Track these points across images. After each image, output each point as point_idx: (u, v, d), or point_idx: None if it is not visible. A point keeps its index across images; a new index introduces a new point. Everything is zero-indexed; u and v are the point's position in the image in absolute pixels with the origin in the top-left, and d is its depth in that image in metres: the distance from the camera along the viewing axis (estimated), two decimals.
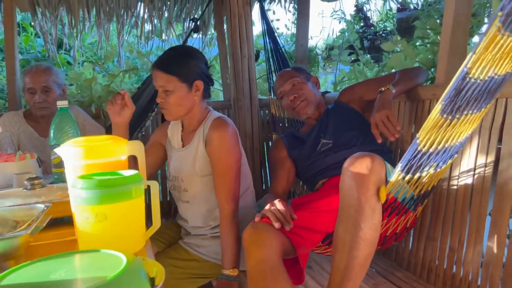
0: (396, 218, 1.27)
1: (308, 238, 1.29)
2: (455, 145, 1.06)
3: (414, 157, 1.03)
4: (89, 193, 0.80)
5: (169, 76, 1.42)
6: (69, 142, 0.96)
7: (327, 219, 1.32)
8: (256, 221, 1.26)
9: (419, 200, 1.27)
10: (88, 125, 2.05)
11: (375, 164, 1.08)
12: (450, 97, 0.88)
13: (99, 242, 0.82)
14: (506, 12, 0.71)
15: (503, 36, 0.75)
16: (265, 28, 2.42)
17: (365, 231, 1.07)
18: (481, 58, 0.80)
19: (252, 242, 1.19)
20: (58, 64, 3.42)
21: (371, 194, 1.07)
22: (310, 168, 1.68)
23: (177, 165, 1.58)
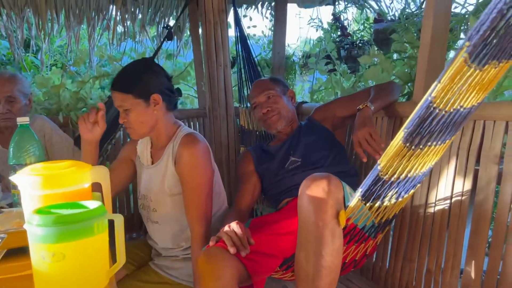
0: (355, 245, 1.24)
1: (265, 264, 1.24)
2: (418, 175, 1.03)
3: (375, 184, 0.99)
4: (46, 230, 0.73)
5: (124, 95, 1.37)
6: (27, 169, 0.88)
7: (286, 242, 1.27)
8: (211, 245, 1.20)
9: (379, 228, 1.24)
10: (56, 136, 1.95)
11: (332, 186, 1.04)
12: (414, 125, 0.85)
13: (57, 283, 0.75)
14: (473, 42, 0.68)
15: (470, 68, 0.72)
16: (238, 35, 2.36)
17: (327, 259, 1.03)
18: (447, 88, 0.77)
19: (206, 270, 1.13)
20: (25, 67, 3.28)
21: (330, 218, 1.03)
22: (277, 185, 1.64)
23: (146, 183, 1.52)
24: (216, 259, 1.13)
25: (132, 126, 1.41)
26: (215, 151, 2.37)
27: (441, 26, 1.46)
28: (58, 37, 3.60)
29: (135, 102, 1.37)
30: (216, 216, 1.53)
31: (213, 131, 2.36)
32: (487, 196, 1.19)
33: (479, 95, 0.82)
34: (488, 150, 1.19)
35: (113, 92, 1.40)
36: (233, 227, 1.23)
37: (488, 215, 1.18)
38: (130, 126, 1.41)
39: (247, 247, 1.18)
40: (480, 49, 0.69)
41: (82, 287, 0.77)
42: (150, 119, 1.41)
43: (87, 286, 0.78)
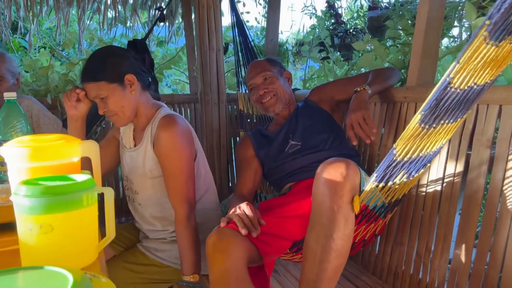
0: (365, 225, 1.24)
1: (275, 246, 1.23)
2: (429, 154, 1.03)
3: (389, 166, 0.99)
4: (33, 201, 0.70)
5: (98, 83, 1.32)
6: (13, 141, 0.86)
7: (296, 225, 1.27)
8: (222, 226, 1.19)
9: (389, 208, 1.25)
10: (43, 117, 1.91)
11: (350, 171, 1.04)
12: (431, 107, 0.85)
13: (44, 256, 0.73)
14: (494, 21, 0.68)
15: (487, 45, 0.72)
16: (235, 20, 2.34)
17: (337, 242, 1.03)
18: (464, 67, 0.76)
19: (216, 250, 1.11)
20: (12, 49, 3.21)
21: (345, 203, 1.03)
22: (277, 170, 1.63)
23: (129, 166, 1.50)
24: (227, 239, 1.12)
25: (115, 113, 1.36)
26: (207, 136, 2.35)
27: (436, 13, 1.45)
28: (47, 19, 3.53)
29: (110, 87, 1.32)
30: (202, 198, 1.52)
31: (204, 116, 2.34)
32: (479, 179, 1.19)
33: (493, 72, 0.82)
34: (481, 134, 1.19)
35: (85, 85, 1.34)
36: (244, 209, 1.22)
37: (479, 199, 1.19)
38: (112, 114, 1.37)
39: (258, 228, 1.17)
40: (499, 25, 0.68)
41: (70, 261, 0.75)
42: (130, 102, 1.37)
43: (76, 260, 0.76)
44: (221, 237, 1.13)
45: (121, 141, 1.54)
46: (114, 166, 1.61)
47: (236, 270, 1.08)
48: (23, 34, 3.40)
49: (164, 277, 1.47)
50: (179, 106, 2.45)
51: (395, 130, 1.51)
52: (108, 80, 1.32)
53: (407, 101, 1.48)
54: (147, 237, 1.53)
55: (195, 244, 1.36)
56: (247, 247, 1.14)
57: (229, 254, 1.09)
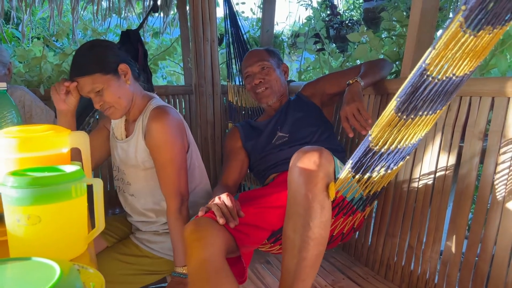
0: (343, 218, 1.24)
1: (253, 236, 1.23)
2: (407, 146, 1.02)
3: (365, 155, 0.98)
4: (21, 192, 0.70)
5: (92, 76, 1.30)
6: (1, 131, 0.85)
7: (274, 215, 1.27)
8: (200, 215, 1.18)
9: (368, 201, 1.24)
10: (36, 108, 1.89)
11: (323, 159, 1.03)
12: (406, 93, 0.83)
13: (33, 248, 0.73)
14: (469, 6, 0.67)
15: (465, 34, 0.71)
16: (227, 11, 2.32)
17: (314, 230, 1.03)
18: (441, 55, 0.75)
19: (194, 239, 1.10)
20: (5, 39, 3.18)
21: (320, 190, 1.03)
22: (263, 161, 1.63)
23: (121, 157, 1.49)
24: (205, 228, 1.11)
25: (111, 105, 1.35)
26: (201, 128, 2.34)
27: (430, 5, 1.44)
28: (40, 9, 3.49)
29: (105, 78, 1.31)
30: (195, 190, 1.52)
31: (199, 108, 2.33)
32: (470, 171, 1.19)
33: (472, 63, 0.81)
34: (473, 126, 1.19)
35: (78, 80, 1.31)
36: (223, 199, 1.22)
37: (470, 191, 1.19)
38: (108, 106, 1.35)
39: (236, 219, 1.17)
40: (476, 13, 0.68)
41: (59, 252, 0.75)
42: (126, 92, 1.36)
43: (65, 251, 0.76)
44: (199, 226, 1.13)
45: (112, 131, 1.53)
46: (105, 157, 1.60)
47: (215, 259, 1.07)
48: (16, 24, 3.37)
49: (157, 268, 1.47)
50: (173, 98, 2.43)
51: None
52: (102, 71, 1.30)
53: None
54: (140, 230, 1.53)
55: None
56: (225, 237, 1.14)
57: (207, 243, 1.08)
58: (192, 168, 1.49)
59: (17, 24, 3.31)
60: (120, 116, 1.41)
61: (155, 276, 1.48)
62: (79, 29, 2.92)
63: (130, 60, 1.41)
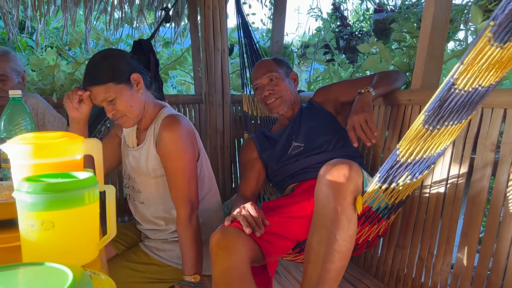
0: (369, 226, 1.24)
1: (278, 245, 1.23)
2: (433, 155, 1.03)
3: (392, 167, 0.99)
4: (35, 197, 0.71)
5: (105, 86, 1.31)
6: (17, 138, 0.86)
7: (299, 226, 1.27)
8: (226, 225, 1.19)
9: (393, 209, 1.24)
10: (49, 115, 1.92)
11: (353, 172, 1.04)
12: (434, 107, 0.84)
13: (45, 253, 0.73)
14: (498, 22, 0.67)
15: (492, 47, 0.71)
16: (240, 22, 2.34)
17: (340, 243, 1.03)
18: (468, 69, 0.76)
19: (220, 248, 1.11)
20: (19, 48, 3.23)
21: (348, 204, 1.03)
22: (280, 172, 1.63)
23: (132, 164, 1.50)
24: (231, 237, 1.13)
25: (123, 114, 1.36)
26: (211, 137, 2.36)
27: (441, 16, 1.44)
28: (54, 19, 3.56)
29: (118, 88, 1.32)
30: (205, 199, 1.52)
31: (209, 117, 2.35)
32: (482, 183, 1.18)
33: (497, 73, 0.81)
34: (485, 138, 1.18)
35: (91, 89, 1.33)
36: (248, 208, 1.22)
37: (482, 203, 1.18)
38: (120, 115, 1.36)
39: (262, 228, 1.18)
40: (503, 27, 0.68)
41: (71, 258, 0.76)
42: (138, 101, 1.38)
43: (77, 257, 0.76)
44: (225, 235, 1.13)
45: (124, 140, 1.54)
46: (116, 164, 1.61)
47: (239, 268, 1.08)
48: (30, 33, 3.43)
49: (166, 276, 1.47)
50: (183, 107, 2.46)
51: (399, 133, 1.51)
52: (115, 81, 1.32)
53: (411, 104, 1.47)
54: (149, 238, 1.53)
55: (196, 245, 1.36)
56: (250, 246, 1.14)
57: (233, 252, 1.09)
58: (202, 177, 1.50)
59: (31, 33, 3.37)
60: (132, 125, 1.42)
61: (163, 284, 1.48)
62: (91, 38, 2.97)
63: (142, 69, 1.42)
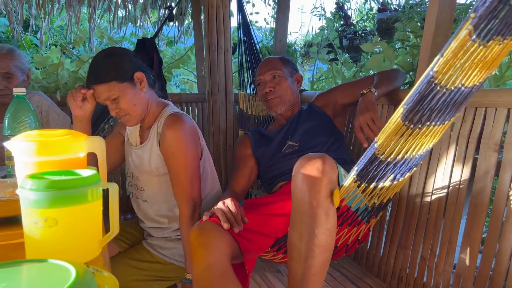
0: (348, 228, 1.23)
1: (257, 242, 1.23)
2: (414, 157, 1.01)
3: (371, 163, 0.97)
4: (39, 195, 0.71)
5: (108, 84, 1.31)
6: (21, 135, 0.87)
7: (279, 223, 1.27)
8: (204, 220, 1.18)
9: (373, 212, 1.23)
10: (53, 113, 1.93)
11: (326, 165, 1.03)
12: (414, 100, 0.83)
13: (48, 250, 0.74)
14: (479, 14, 0.66)
15: (474, 43, 0.71)
16: (241, 21, 2.34)
17: (320, 238, 1.02)
18: (449, 63, 0.75)
19: (199, 244, 1.10)
20: (23, 46, 3.24)
21: (324, 197, 1.02)
22: (272, 169, 1.63)
23: (135, 163, 1.50)
24: (209, 233, 1.12)
25: (127, 112, 1.36)
26: (214, 136, 2.36)
27: (445, 16, 1.44)
28: (58, 17, 3.57)
29: (121, 86, 1.32)
30: (207, 198, 1.52)
31: (211, 116, 2.35)
32: (485, 183, 1.18)
33: (481, 74, 0.80)
34: (488, 138, 1.18)
35: (95, 87, 1.33)
36: (228, 204, 1.22)
37: (485, 203, 1.17)
38: (124, 114, 1.37)
39: (240, 224, 1.18)
40: (485, 22, 0.67)
41: (74, 255, 0.76)
42: (141, 99, 1.38)
43: (80, 254, 0.77)
44: (203, 231, 1.13)
45: (127, 138, 1.55)
46: (119, 162, 1.62)
47: (220, 265, 1.07)
48: (34, 31, 3.45)
49: (168, 274, 1.47)
50: (186, 105, 2.46)
51: None
52: (118, 79, 1.32)
53: None
54: (152, 236, 1.53)
55: None
56: (230, 242, 1.14)
57: (212, 248, 1.08)
58: (205, 175, 1.50)
59: (36, 32, 3.38)
60: (135, 123, 1.42)
61: (166, 282, 1.49)
62: (95, 37, 2.97)
63: (145, 68, 1.43)
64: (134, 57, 1.41)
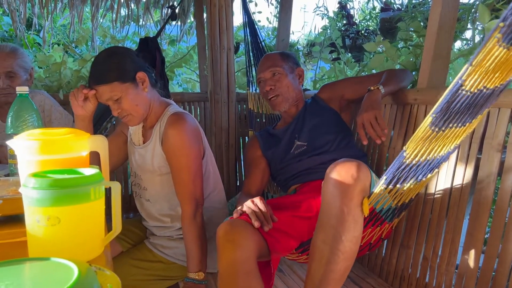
0: (371, 228, 1.23)
1: (284, 243, 1.23)
2: (436, 158, 1.02)
3: (398, 168, 0.98)
4: (41, 193, 0.71)
5: (111, 85, 1.31)
6: (24, 134, 0.87)
7: (305, 226, 1.26)
8: (234, 217, 1.18)
9: (396, 212, 1.23)
10: (55, 112, 1.93)
11: (361, 173, 1.03)
12: (442, 109, 0.84)
13: (51, 248, 0.74)
14: (508, 23, 0.66)
15: (499, 47, 0.71)
16: (246, 20, 2.34)
17: (345, 244, 1.02)
18: (475, 70, 0.75)
19: (227, 240, 1.10)
20: (26, 44, 3.25)
21: (355, 205, 1.02)
22: (283, 171, 1.62)
23: (138, 162, 1.51)
24: (239, 230, 1.12)
25: (129, 113, 1.36)
26: (216, 135, 2.36)
27: (449, 15, 1.43)
28: (61, 16, 3.57)
29: (124, 87, 1.32)
30: (210, 197, 1.52)
31: (214, 115, 2.35)
32: (488, 184, 1.18)
33: (503, 75, 0.80)
34: (492, 138, 1.17)
35: (97, 88, 1.33)
36: (257, 202, 1.22)
37: (488, 203, 1.17)
38: (126, 114, 1.37)
39: (270, 223, 1.17)
40: None
41: (76, 253, 0.76)
42: (144, 99, 1.38)
43: (82, 252, 0.77)
44: (233, 227, 1.13)
45: (130, 137, 1.55)
46: (121, 161, 1.62)
47: (246, 261, 1.08)
48: (37, 30, 3.45)
49: (170, 273, 1.48)
50: (189, 105, 2.46)
51: (405, 132, 1.50)
52: (120, 80, 1.32)
53: (417, 103, 1.46)
54: (154, 235, 1.54)
55: (201, 242, 1.36)
56: (258, 241, 1.14)
57: (240, 245, 1.08)
58: (207, 175, 1.50)
59: (38, 31, 3.39)
60: (138, 123, 1.42)
61: (168, 282, 1.49)
62: (98, 36, 2.98)
63: (147, 67, 1.43)
64: (136, 56, 1.41)
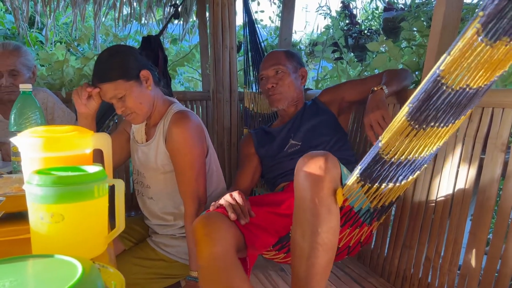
0: (350, 229, 1.21)
1: (261, 238, 1.22)
2: (417, 159, 1.00)
3: (375, 163, 0.96)
4: (45, 190, 0.71)
5: (115, 83, 1.31)
6: (27, 131, 0.87)
7: (282, 223, 1.26)
8: (211, 210, 1.17)
9: (375, 214, 1.21)
10: (58, 110, 1.93)
11: (329, 163, 1.01)
12: (419, 99, 0.81)
13: (55, 245, 0.74)
14: (487, 12, 0.65)
15: (481, 43, 0.70)
16: (246, 19, 2.34)
17: (323, 236, 1.00)
18: (456, 62, 0.74)
19: (204, 234, 1.09)
20: (29, 42, 3.25)
21: (326, 195, 1.01)
22: (274, 168, 1.63)
23: (141, 160, 1.51)
24: (215, 223, 1.11)
25: (133, 111, 1.36)
26: (218, 134, 2.36)
27: (453, 15, 1.43)
28: (63, 14, 3.57)
29: (128, 85, 1.32)
30: (213, 195, 1.52)
31: (216, 114, 2.35)
32: (491, 184, 1.17)
33: (487, 75, 0.79)
34: (495, 138, 1.17)
35: (101, 86, 1.33)
36: (235, 196, 1.22)
37: (491, 203, 1.17)
38: (130, 112, 1.37)
39: (247, 216, 1.17)
40: (494, 21, 0.66)
41: (80, 250, 0.76)
42: (148, 97, 1.38)
43: (85, 250, 0.77)
44: (209, 220, 1.12)
45: (133, 135, 1.55)
46: (124, 159, 1.62)
47: (226, 256, 1.06)
48: (40, 28, 3.45)
49: (172, 272, 1.48)
50: (191, 103, 2.46)
51: None
52: (124, 78, 1.32)
53: None
54: (157, 233, 1.54)
55: None
56: (234, 233, 1.13)
57: (218, 239, 1.07)
58: (210, 173, 1.50)
59: (41, 29, 3.39)
60: (142, 121, 1.43)
61: (170, 280, 1.49)
62: (100, 34, 2.98)
63: (151, 66, 1.43)
64: (139, 54, 1.41)
